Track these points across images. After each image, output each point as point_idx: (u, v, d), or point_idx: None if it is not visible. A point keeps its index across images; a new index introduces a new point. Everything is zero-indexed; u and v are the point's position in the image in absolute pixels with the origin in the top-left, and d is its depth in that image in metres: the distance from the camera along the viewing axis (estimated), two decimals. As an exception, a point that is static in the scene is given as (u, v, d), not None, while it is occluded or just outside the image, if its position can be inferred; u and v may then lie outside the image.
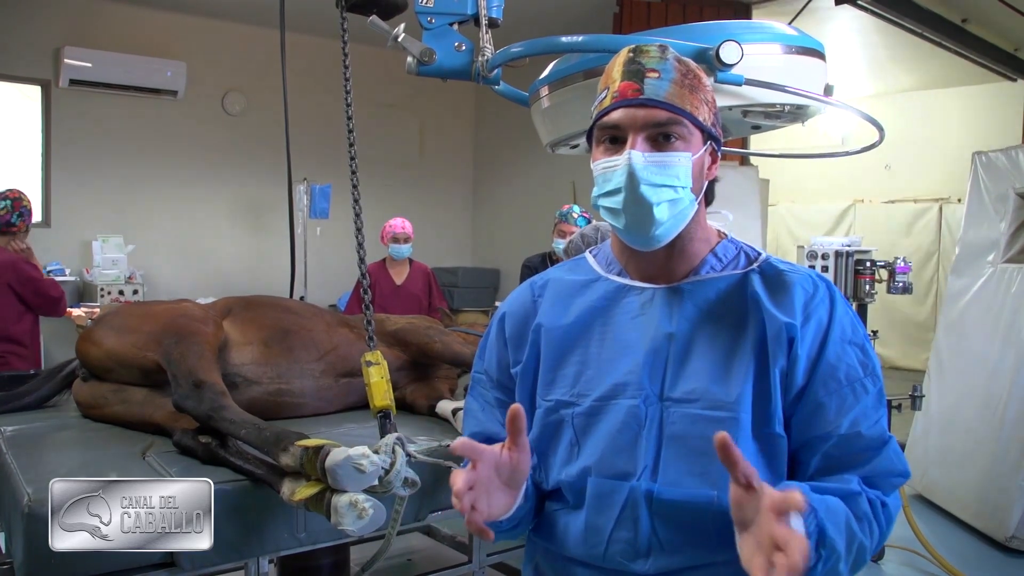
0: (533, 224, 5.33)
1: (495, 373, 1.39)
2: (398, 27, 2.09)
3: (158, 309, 2.39)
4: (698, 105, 1.21)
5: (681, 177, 1.19)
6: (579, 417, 1.26)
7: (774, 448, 1.18)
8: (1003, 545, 4.12)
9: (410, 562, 3.13)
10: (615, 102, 1.20)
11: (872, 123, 2.13)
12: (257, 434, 1.87)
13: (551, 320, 1.32)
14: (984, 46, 6.82)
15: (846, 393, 1.17)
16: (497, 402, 1.38)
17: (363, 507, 1.68)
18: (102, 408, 2.31)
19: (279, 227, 7.20)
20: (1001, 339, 4.40)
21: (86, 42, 7.10)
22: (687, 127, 1.19)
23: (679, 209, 1.20)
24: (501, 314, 1.41)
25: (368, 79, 7.61)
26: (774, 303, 1.20)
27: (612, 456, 1.22)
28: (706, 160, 1.24)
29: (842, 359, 1.18)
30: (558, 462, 1.28)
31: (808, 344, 1.18)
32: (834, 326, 1.19)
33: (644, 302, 1.27)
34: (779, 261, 1.28)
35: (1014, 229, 4.57)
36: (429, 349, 2.64)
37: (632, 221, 1.21)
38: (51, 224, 7.19)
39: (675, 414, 1.20)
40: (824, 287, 1.23)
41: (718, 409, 1.17)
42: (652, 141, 1.19)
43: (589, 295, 1.32)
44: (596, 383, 1.26)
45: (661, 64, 1.20)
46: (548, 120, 2.16)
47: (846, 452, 1.16)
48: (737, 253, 1.29)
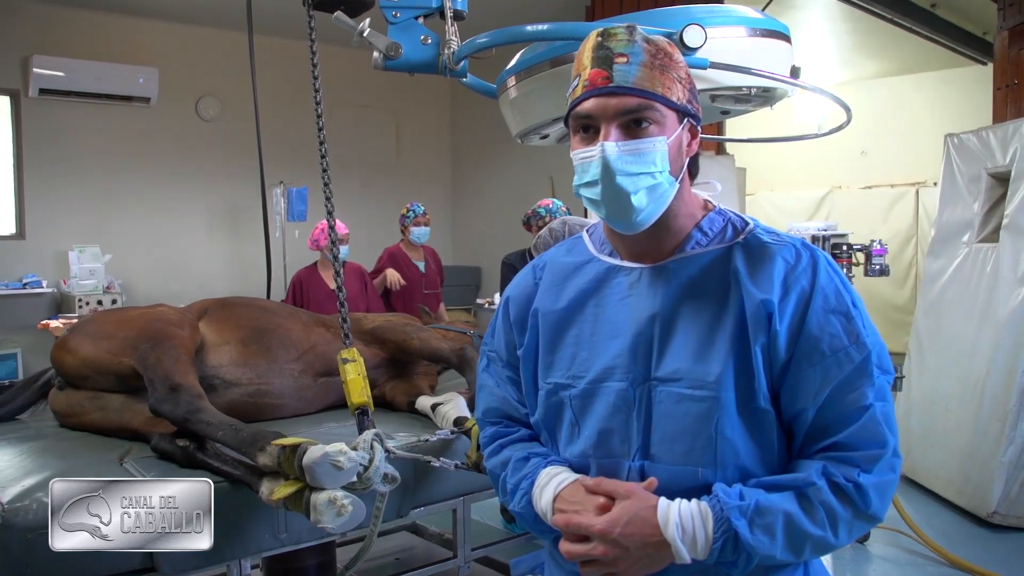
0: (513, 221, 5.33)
1: (505, 354, 1.42)
2: (363, 23, 2.08)
3: (133, 314, 2.38)
4: (670, 85, 1.20)
5: (658, 162, 1.18)
6: (576, 399, 1.28)
7: (761, 423, 1.19)
8: (985, 521, 4.17)
9: (397, 560, 3.12)
10: (586, 91, 1.20)
11: (840, 104, 2.14)
12: (234, 435, 1.86)
13: (547, 304, 1.35)
14: (953, 30, 6.88)
15: (830, 364, 1.16)
16: (509, 380, 1.41)
17: (342, 504, 1.68)
18: (79, 416, 2.29)
19: (257, 231, 7.14)
20: (978, 318, 4.44)
21: (56, 50, 7.03)
22: (659, 111, 1.19)
23: (658, 194, 1.20)
24: (506, 298, 1.43)
25: (343, 80, 7.60)
26: (752, 278, 1.20)
27: (607, 438, 1.25)
28: (684, 138, 1.23)
29: (824, 329, 1.17)
30: (563, 440, 1.31)
31: (788, 318, 1.17)
32: (816, 296, 1.18)
33: (632, 282, 1.28)
34: (765, 232, 1.27)
35: (987, 209, 4.62)
36: (407, 346, 2.63)
37: (612, 210, 1.21)
38: (26, 236, 7.12)
39: (661, 393, 1.21)
40: (808, 256, 1.22)
41: (700, 388, 1.18)
42: (625, 128, 1.18)
43: (582, 277, 1.34)
44: (589, 365, 1.28)
45: (629, 47, 1.19)
46: (516, 110, 2.16)
47: (825, 421, 1.17)
48: (724, 225, 1.29)
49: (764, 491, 1.15)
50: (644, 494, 1.17)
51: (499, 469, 1.37)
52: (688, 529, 1.13)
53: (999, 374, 4.20)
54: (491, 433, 1.42)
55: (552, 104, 2.03)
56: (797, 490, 1.14)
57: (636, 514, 1.15)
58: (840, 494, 1.14)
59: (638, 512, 1.15)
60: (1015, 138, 4.40)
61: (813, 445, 1.19)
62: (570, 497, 1.22)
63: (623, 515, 1.15)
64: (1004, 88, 5.05)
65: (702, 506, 1.14)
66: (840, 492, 1.14)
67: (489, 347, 1.46)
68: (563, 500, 1.23)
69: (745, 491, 1.15)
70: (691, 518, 1.14)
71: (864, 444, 1.16)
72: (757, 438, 1.19)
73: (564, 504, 1.22)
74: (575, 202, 6.08)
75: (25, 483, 1.77)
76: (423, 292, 5.47)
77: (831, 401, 1.16)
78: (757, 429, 1.19)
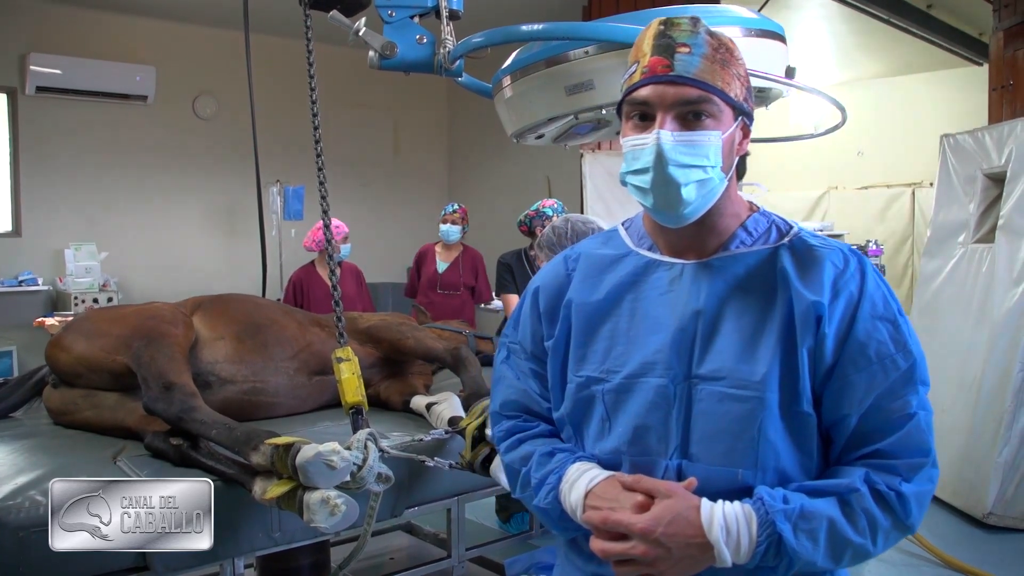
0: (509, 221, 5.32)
1: (529, 345, 1.38)
2: (359, 22, 2.08)
3: (127, 312, 2.37)
4: (729, 81, 1.18)
5: (711, 156, 1.17)
6: (609, 394, 1.25)
7: (802, 426, 1.17)
8: (981, 522, 4.17)
9: (391, 560, 3.12)
10: (644, 78, 1.17)
11: (835, 105, 2.15)
12: (228, 434, 1.86)
13: (582, 296, 1.32)
14: (949, 31, 6.89)
15: (876, 370, 1.15)
16: (532, 372, 1.38)
17: (335, 503, 1.68)
18: (73, 414, 2.29)
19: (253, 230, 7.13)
20: (974, 319, 4.45)
21: (53, 48, 7.03)
22: (718, 104, 1.17)
23: (708, 188, 1.19)
24: (535, 287, 1.40)
25: (341, 79, 7.60)
26: (802, 280, 1.18)
27: (643, 435, 1.22)
28: (737, 136, 1.22)
29: (872, 336, 1.16)
30: (592, 436, 1.28)
31: (836, 322, 1.16)
32: (864, 302, 1.17)
33: (673, 278, 1.26)
34: (811, 235, 1.26)
35: (983, 209, 4.61)
36: (402, 345, 2.63)
37: (660, 200, 1.19)
38: (22, 233, 7.13)
39: (702, 392, 1.19)
40: (855, 261, 1.21)
41: (744, 388, 1.16)
42: (681, 119, 1.17)
43: (619, 270, 1.31)
44: (625, 359, 1.25)
45: (692, 38, 1.17)
46: (512, 110, 2.16)
47: (868, 428, 1.16)
48: (768, 227, 1.28)
49: (807, 496, 1.13)
50: (686, 494, 1.14)
51: (519, 464, 1.33)
52: (732, 532, 1.10)
53: (995, 374, 4.20)
54: (508, 427, 1.38)
55: (547, 104, 2.03)
56: (840, 496, 1.13)
57: (679, 514, 1.11)
58: (882, 502, 1.13)
59: (681, 512, 1.12)
60: (1011, 139, 4.40)
61: (854, 451, 1.17)
62: (603, 494, 1.18)
63: (665, 514, 1.11)
64: (999, 89, 5.05)
65: (746, 508, 1.12)
66: (882, 500, 1.13)
67: (511, 338, 1.42)
68: (596, 497, 1.19)
69: (789, 495, 1.12)
70: (735, 520, 1.11)
71: (907, 452, 1.15)
72: (797, 442, 1.17)
73: (597, 501, 1.18)
74: (572, 202, 6.08)
75: (18, 481, 1.77)
76: (437, 291, 5.38)
77: (875, 408, 1.15)
78: (798, 432, 1.17)
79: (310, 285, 5.17)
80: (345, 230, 5.13)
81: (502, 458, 1.39)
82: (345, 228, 5.13)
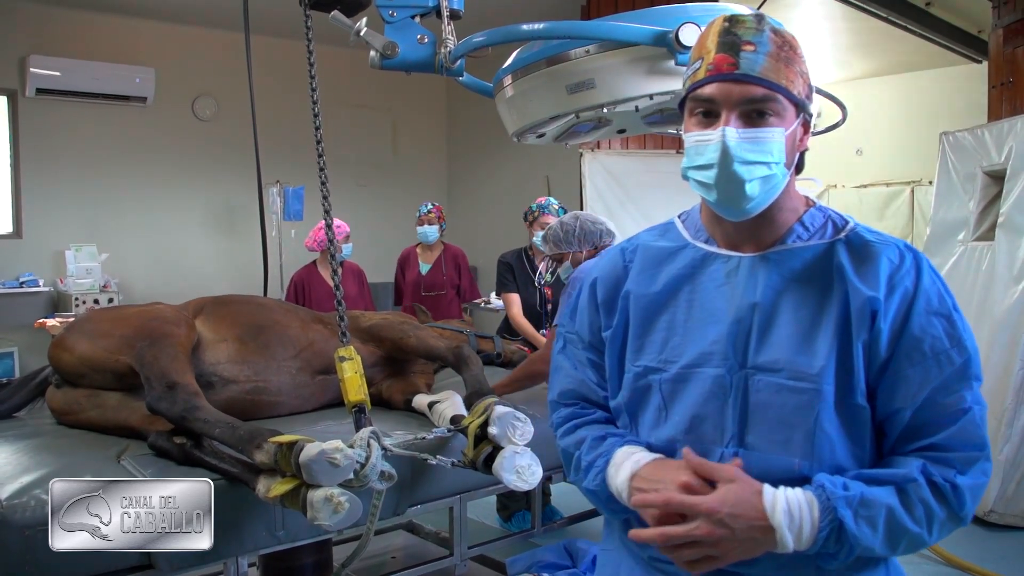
0: (509, 220, 5.34)
1: (587, 335, 1.41)
2: (360, 22, 2.09)
3: (130, 312, 2.38)
4: (793, 79, 1.19)
5: (775, 153, 1.19)
6: (666, 383, 1.28)
7: (857, 418, 1.19)
8: (982, 520, 4.17)
9: (394, 559, 3.13)
10: (710, 75, 1.19)
11: (835, 102, 2.15)
12: (231, 433, 1.86)
13: (639, 287, 1.34)
14: (948, 29, 6.89)
15: (930, 365, 1.17)
16: (589, 362, 1.41)
17: (339, 501, 1.68)
18: (76, 414, 2.29)
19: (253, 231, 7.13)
20: (974, 317, 4.45)
21: (52, 50, 7.04)
22: (782, 103, 1.19)
23: (771, 184, 1.21)
24: (593, 279, 1.42)
25: (340, 80, 7.60)
26: (859, 275, 1.20)
27: (699, 424, 1.24)
28: (798, 133, 1.24)
29: (927, 331, 1.18)
30: (647, 424, 1.30)
31: (892, 316, 1.18)
32: (919, 297, 1.19)
33: (730, 270, 1.28)
34: (867, 230, 1.27)
35: (982, 207, 4.62)
36: (404, 344, 2.63)
37: (723, 196, 1.21)
38: (22, 235, 7.13)
39: (759, 382, 1.21)
40: (911, 257, 1.22)
41: (801, 380, 1.18)
42: (746, 117, 1.18)
43: (677, 262, 1.33)
44: (683, 350, 1.27)
45: (757, 36, 1.19)
46: (513, 109, 2.16)
47: (922, 422, 1.17)
48: (825, 222, 1.29)
49: (864, 484, 1.14)
50: (748, 478, 1.15)
51: (573, 448, 1.36)
52: (796, 517, 1.11)
53: (995, 372, 4.21)
54: (566, 414, 1.41)
55: (549, 103, 2.03)
56: (898, 485, 1.14)
57: (742, 497, 1.12)
58: (938, 493, 1.15)
59: (744, 495, 1.13)
60: (1010, 136, 4.41)
61: (909, 444, 1.19)
62: (650, 476, 1.20)
63: (730, 496, 1.12)
64: (999, 86, 5.06)
65: (808, 495, 1.13)
66: (938, 491, 1.15)
67: (567, 329, 1.44)
68: (642, 479, 1.21)
69: (848, 482, 1.14)
70: (798, 506, 1.12)
71: (962, 446, 1.17)
72: (852, 434, 1.19)
73: (643, 483, 1.20)
74: (571, 202, 6.08)
75: (23, 480, 1.77)
76: (421, 294, 5.36)
77: (929, 402, 1.17)
78: (852, 425, 1.19)
79: (312, 285, 5.17)
80: (346, 229, 5.14)
81: (558, 443, 1.42)
82: (346, 228, 5.14)
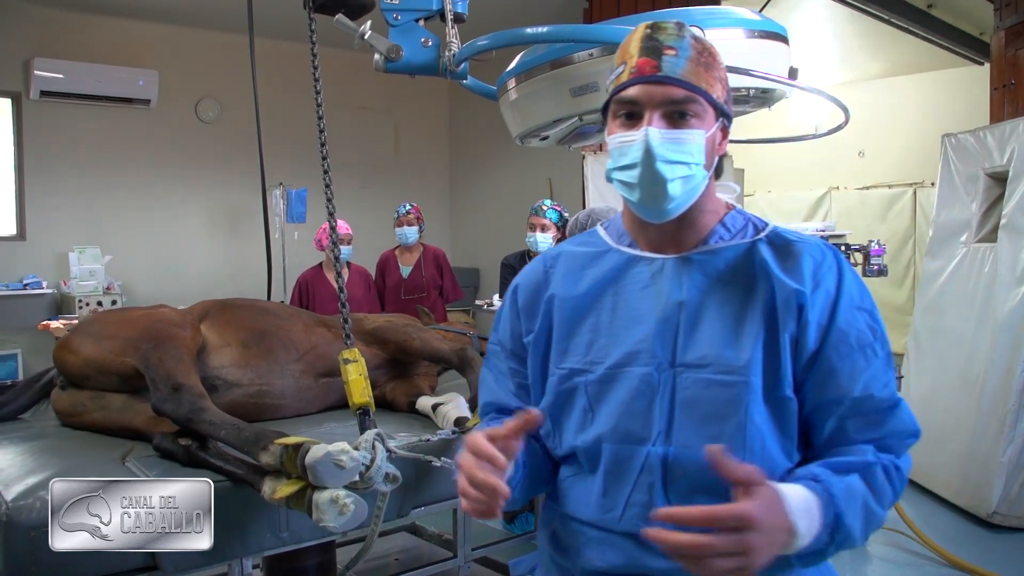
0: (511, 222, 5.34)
1: (508, 343, 1.41)
2: (364, 25, 2.10)
3: (135, 315, 2.38)
4: (712, 83, 1.22)
5: (695, 154, 1.21)
6: (592, 385, 1.28)
7: (785, 411, 1.20)
8: (985, 521, 4.17)
9: (397, 560, 3.13)
10: (633, 78, 1.21)
11: (838, 105, 2.15)
12: (237, 434, 1.87)
13: (564, 290, 1.35)
14: (950, 30, 6.90)
15: (857, 357, 1.20)
16: (510, 371, 1.41)
17: (344, 503, 1.69)
18: (81, 416, 2.30)
19: (256, 233, 7.16)
20: (976, 318, 4.45)
21: (56, 53, 7.05)
22: (702, 105, 1.21)
23: (692, 185, 1.23)
24: (514, 286, 1.43)
25: (343, 82, 7.61)
26: (783, 270, 1.22)
27: (627, 422, 1.24)
28: (717, 136, 1.26)
29: (852, 324, 1.21)
30: (572, 428, 1.30)
31: (819, 310, 1.20)
32: (843, 293, 1.22)
33: (654, 272, 1.29)
34: (786, 231, 1.30)
35: (985, 209, 4.62)
36: (407, 346, 2.64)
37: (646, 195, 1.23)
38: (26, 237, 7.15)
39: (687, 379, 1.22)
40: (832, 255, 1.25)
41: (729, 373, 1.19)
42: (668, 118, 1.20)
43: (600, 266, 1.34)
44: (608, 351, 1.28)
45: (678, 42, 1.21)
46: (517, 112, 2.17)
47: (859, 415, 1.19)
48: (745, 224, 1.31)
49: (833, 473, 1.12)
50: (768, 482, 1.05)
51: None
52: (812, 516, 1.06)
53: (998, 374, 4.21)
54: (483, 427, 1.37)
55: (552, 106, 2.04)
56: (861, 472, 1.15)
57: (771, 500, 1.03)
58: (888, 477, 1.17)
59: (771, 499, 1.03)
60: (1012, 138, 4.41)
61: (848, 434, 1.20)
62: None
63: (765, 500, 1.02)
64: (1001, 88, 5.06)
65: (803, 490, 1.08)
66: (888, 476, 1.17)
67: (492, 340, 1.46)
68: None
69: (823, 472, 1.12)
70: (805, 503, 1.06)
71: (901, 432, 1.20)
72: (781, 426, 1.20)
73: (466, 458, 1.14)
74: (573, 204, 6.09)
75: (28, 481, 1.78)
76: (402, 298, 5.29)
77: (864, 394, 1.19)
78: (781, 417, 1.20)
79: (317, 286, 5.17)
80: (346, 231, 5.15)
81: None
82: (347, 229, 5.15)
